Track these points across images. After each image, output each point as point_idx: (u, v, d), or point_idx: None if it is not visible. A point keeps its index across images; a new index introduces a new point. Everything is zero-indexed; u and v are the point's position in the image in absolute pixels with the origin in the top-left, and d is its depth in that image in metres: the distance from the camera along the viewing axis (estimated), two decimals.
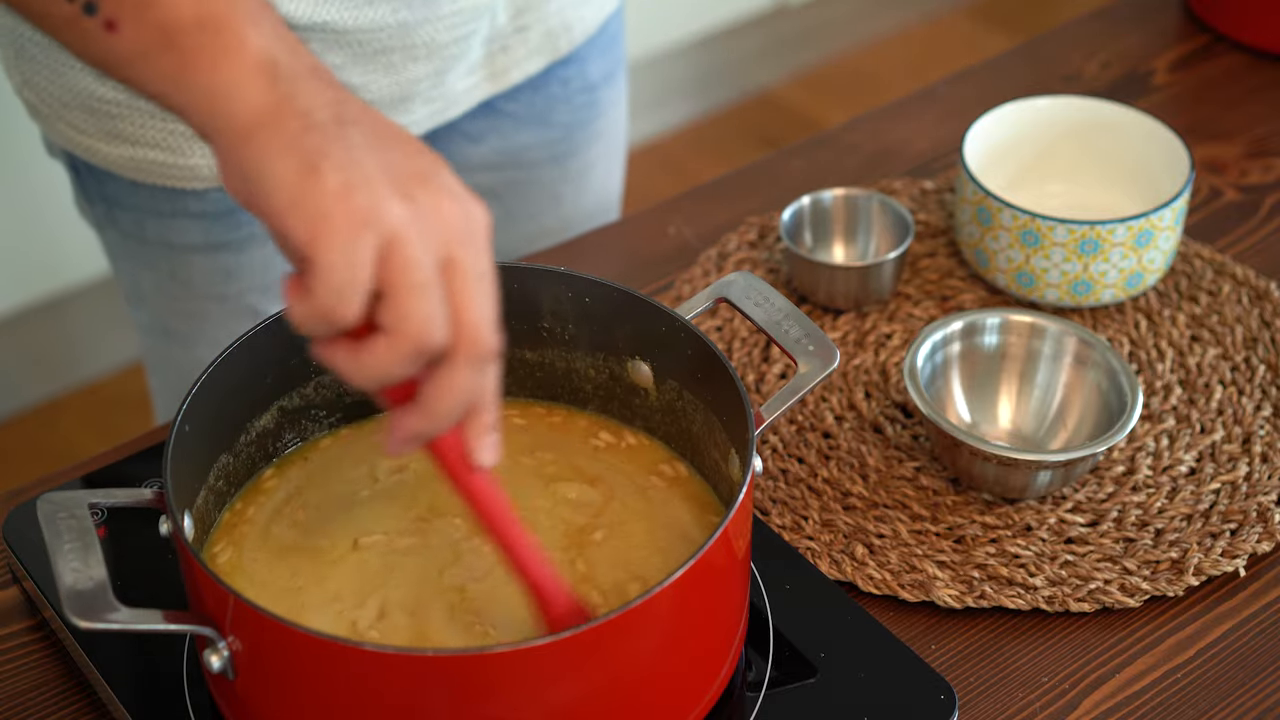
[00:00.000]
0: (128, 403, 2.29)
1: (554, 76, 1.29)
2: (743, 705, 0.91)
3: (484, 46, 1.21)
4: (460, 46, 1.18)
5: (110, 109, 1.14)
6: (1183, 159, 1.19)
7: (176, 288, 1.25)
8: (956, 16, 3.09)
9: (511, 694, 0.79)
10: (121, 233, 1.24)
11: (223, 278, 1.23)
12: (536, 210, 1.36)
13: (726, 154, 2.70)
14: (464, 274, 0.72)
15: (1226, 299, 1.19)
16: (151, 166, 1.17)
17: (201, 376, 0.88)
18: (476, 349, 0.73)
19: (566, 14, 1.25)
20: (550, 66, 1.28)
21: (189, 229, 1.21)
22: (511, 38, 1.22)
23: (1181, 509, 1.04)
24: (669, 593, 0.79)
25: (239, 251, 1.22)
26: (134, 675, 0.91)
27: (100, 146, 1.17)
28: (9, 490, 1.06)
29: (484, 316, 0.73)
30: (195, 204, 1.19)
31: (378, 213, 0.71)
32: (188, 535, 0.85)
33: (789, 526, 1.03)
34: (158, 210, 1.20)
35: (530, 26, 1.23)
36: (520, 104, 1.29)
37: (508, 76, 1.25)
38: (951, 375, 1.09)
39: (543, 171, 1.34)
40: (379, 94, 1.17)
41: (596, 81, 1.33)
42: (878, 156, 1.35)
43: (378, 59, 1.15)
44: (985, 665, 0.96)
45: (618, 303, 0.95)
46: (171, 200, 1.19)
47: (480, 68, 1.22)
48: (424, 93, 1.19)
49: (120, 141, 1.16)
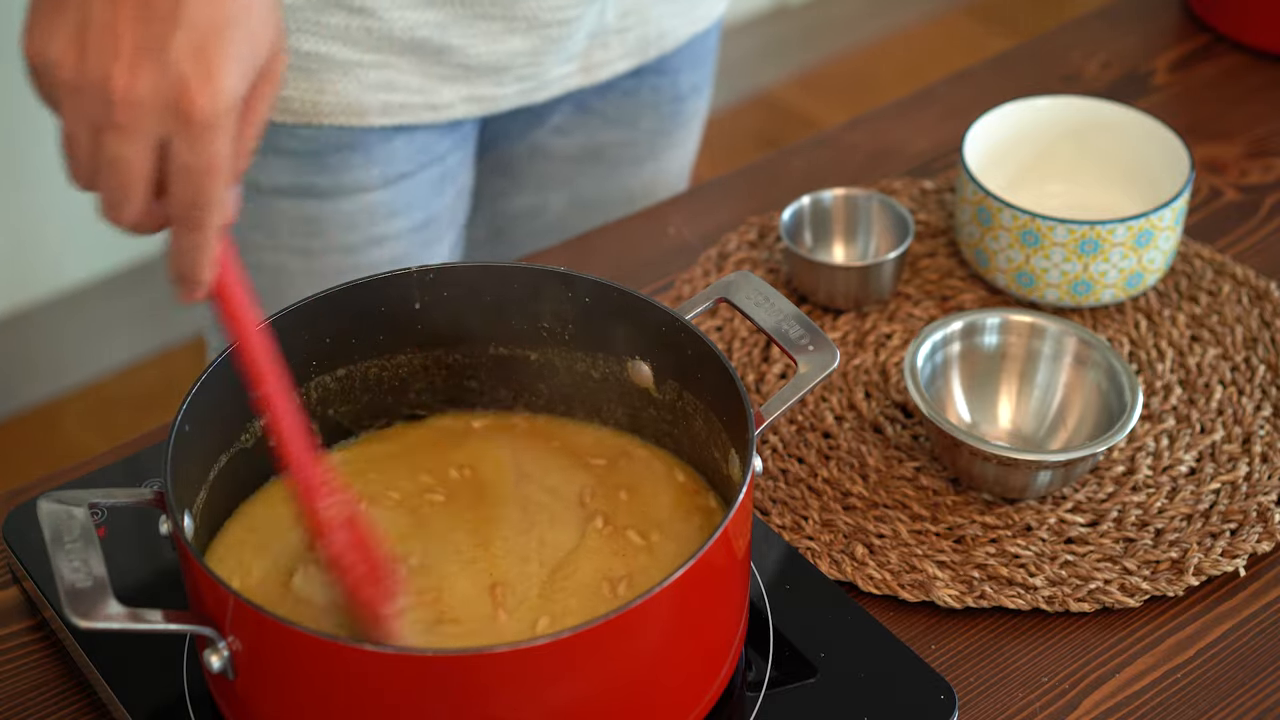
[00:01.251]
0: (128, 403, 2.29)
1: (646, 83, 1.32)
2: (743, 705, 0.91)
3: (587, 39, 1.23)
4: (562, 30, 1.19)
5: None
6: (1183, 159, 1.19)
7: (260, 237, 1.23)
8: (956, 16, 3.09)
9: (511, 694, 0.79)
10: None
11: (306, 229, 1.23)
12: (603, 201, 1.38)
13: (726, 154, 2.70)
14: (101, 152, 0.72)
15: (1226, 299, 1.19)
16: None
17: (201, 376, 0.88)
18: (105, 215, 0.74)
19: (665, 22, 1.27)
20: (643, 74, 1.31)
21: (277, 167, 1.20)
22: (613, 35, 1.24)
23: (1181, 509, 1.04)
24: (669, 593, 0.79)
25: (325, 199, 1.21)
26: (134, 675, 0.91)
27: None
28: (9, 490, 1.06)
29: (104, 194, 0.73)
30: (286, 140, 1.19)
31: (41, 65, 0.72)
32: (188, 535, 0.85)
33: (789, 526, 1.03)
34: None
35: (631, 28, 1.25)
36: (611, 105, 1.32)
37: (600, 72, 1.26)
38: (951, 375, 1.09)
39: (620, 170, 1.37)
40: (475, 59, 1.18)
41: (685, 93, 1.36)
42: (878, 156, 1.35)
43: (479, 24, 1.16)
44: (985, 665, 0.96)
45: (618, 303, 0.95)
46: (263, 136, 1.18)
47: (578, 58, 1.24)
48: (519, 69, 1.21)
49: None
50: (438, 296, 0.97)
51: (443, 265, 0.96)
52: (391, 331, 0.97)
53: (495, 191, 1.38)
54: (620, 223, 1.30)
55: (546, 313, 0.97)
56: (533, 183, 1.37)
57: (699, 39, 1.34)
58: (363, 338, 0.97)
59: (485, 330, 0.99)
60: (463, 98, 1.21)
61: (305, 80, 1.17)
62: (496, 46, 1.19)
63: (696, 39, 1.34)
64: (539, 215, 1.39)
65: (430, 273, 0.96)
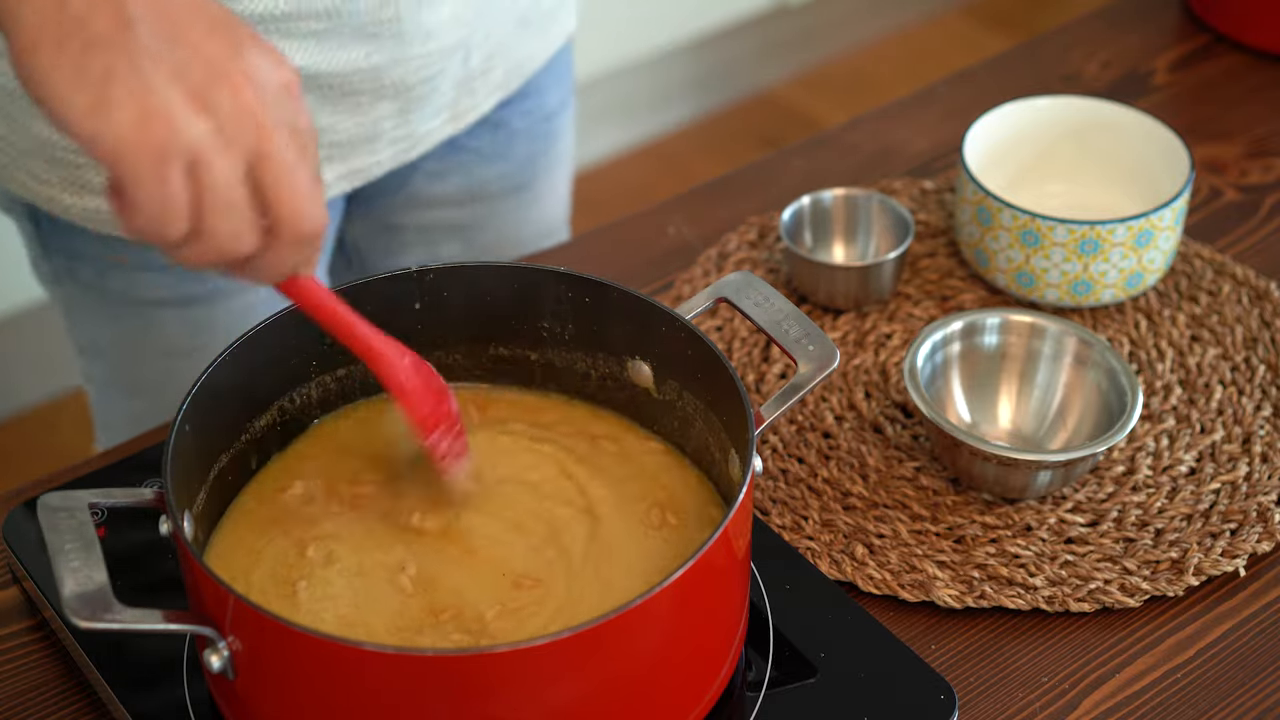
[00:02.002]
0: None
1: (515, 110, 1.29)
2: (743, 705, 0.91)
3: (454, 88, 1.19)
4: (427, 87, 1.16)
5: (73, 158, 1.09)
6: (1183, 159, 1.19)
7: (145, 344, 1.20)
8: (956, 16, 3.09)
9: (511, 694, 0.79)
10: (82, 286, 1.19)
11: (193, 333, 1.20)
12: (494, 239, 1.35)
13: (726, 154, 2.70)
14: (275, 166, 0.74)
15: (1226, 299, 1.19)
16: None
17: (201, 376, 0.88)
18: (296, 232, 0.76)
19: (522, 50, 1.24)
20: (509, 102, 1.28)
21: (157, 282, 1.17)
22: (478, 79, 1.21)
23: (1181, 509, 1.04)
24: (669, 593, 0.79)
25: (210, 305, 1.19)
26: (134, 675, 0.91)
27: (62, 197, 1.12)
28: (9, 490, 1.06)
29: (300, 202, 0.76)
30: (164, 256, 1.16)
31: (177, 139, 0.72)
32: (188, 535, 0.85)
33: (789, 526, 1.03)
34: (123, 265, 1.16)
35: (495, 67, 1.22)
36: (484, 140, 1.28)
37: (469, 116, 1.23)
38: (951, 375, 1.09)
39: (503, 202, 1.33)
40: (345, 135, 1.15)
41: (554, 110, 1.33)
42: (878, 156, 1.36)
43: (346, 100, 1.12)
44: (985, 665, 0.96)
45: (618, 303, 0.95)
46: (140, 252, 1.15)
47: (446, 109, 1.20)
48: (389, 132, 1.17)
49: (84, 192, 1.11)
50: (438, 296, 0.97)
51: (443, 265, 0.96)
52: (392, 331, 0.97)
53: (381, 253, 1.34)
54: (620, 223, 1.30)
55: (546, 313, 0.97)
56: (418, 237, 1.33)
57: (557, 55, 1.31)
58: None
59: (485, 330, 0.99)
60: (338, 176, 1.17)
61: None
62: (364, 117, 1.14)
63: (555, 56, 1.30)
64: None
65: (430, 273, 0.96)
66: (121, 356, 1.23)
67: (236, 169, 0.73)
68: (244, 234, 0.75)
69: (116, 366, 1.24)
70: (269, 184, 0.75)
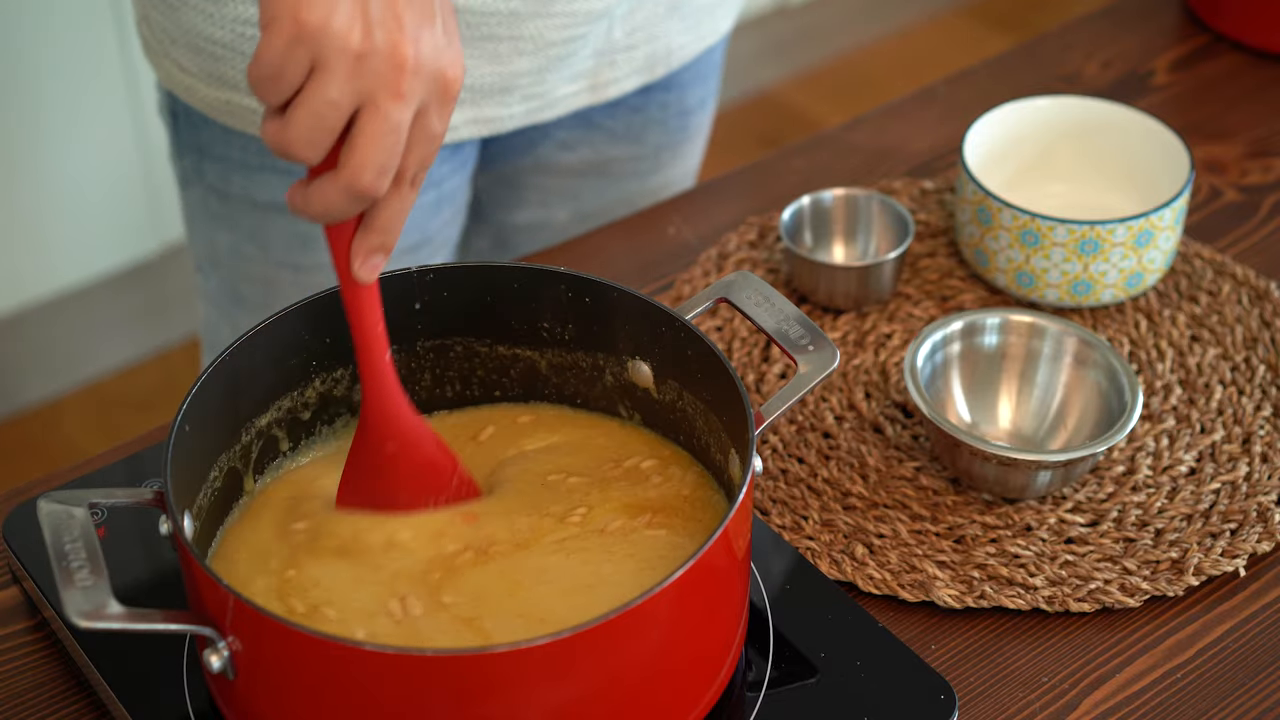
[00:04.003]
0: (128, 403, 2.29)
1: (653, 99, 1.31)
2: (743, 705, 0.91)
3: (594, 57, 1.22)
4: (568, 48, 1.19)
5: (216, 50, 1.15)
6: (1183, 159, 1.19)
7: (254, 250, 1.25)
8: (956, 16, 3.09)
9: (511, 694, 0.79)
10: (206, 186, 1.24)
11: (300, 244, 1.24)
12: (607, 213, 1.38)
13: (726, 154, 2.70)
14: (377, 120, 0.77)
15: (1226, 299, 1.19)
16: (245, 113, 1.18)
17: (201, 376, 0.88)
18: (351, 183, 0.78)
19: (672, 39, 1.27)
20: (651, 90, 1.30)
21: (274, 185, 1.21)
22: (620, 54, 1.23)
23: (1181, 509, 1.04)
24: (669, 593, 0.79)
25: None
26: (134, 675, 0.91)
27: (200, 87, 1.18)
28: (9, 490, 1.06)
29: (370, 160, 0.78)
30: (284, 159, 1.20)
31: (319, 32, 0.75)
32: (188, 535, 0.85)
33: (789, 526, 1.03)
34: (246, 163, 1.21)
35: (638, 46, 1.24)
36: (618, 121, 1.32)
37: (607, 91, 1.26)
38: (951, 375, 1.09)
39: (624, 183, 1.37)
40: (480, 80, 1.18)
41: (692, 107, 1.35)
42: (878, 156, 1.36)
43: (484, 45, 1.16)
44: (985, 665, 0.96)
45: (618, 303, 0.95)
46: (261, 153, 1.20)
47: (585, 77, 1.23)
48: (524, 88, 1.20)
49: (220, 84, 1.17)
50: (438, 296, 0.97)
51: (443, 265, 0.96)
52: (391, 331, 0.97)
53: (498, 204, 1.38)
54: (620, 223, 1.30)
55: (546, 313, 0.97)
56: (536, 197, 1.37)
57: (706, 54, 1.34)
58: None
59: (485, 330, 0.99)
60: (467, 120, 1.21)
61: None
62: (501, 68, 1.18)
63: (704, 53, 1.33)
64: (543, 228, 1.39)
65: (430, 273, 0.96)
66: (235, 265, 1.28)
67: (347, 96, 0.76)
68: (311, 144, 0.78)
69: (229, 278, 1.29)
70: (361, 129, 0.78)
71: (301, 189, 0.81)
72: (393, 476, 0.90)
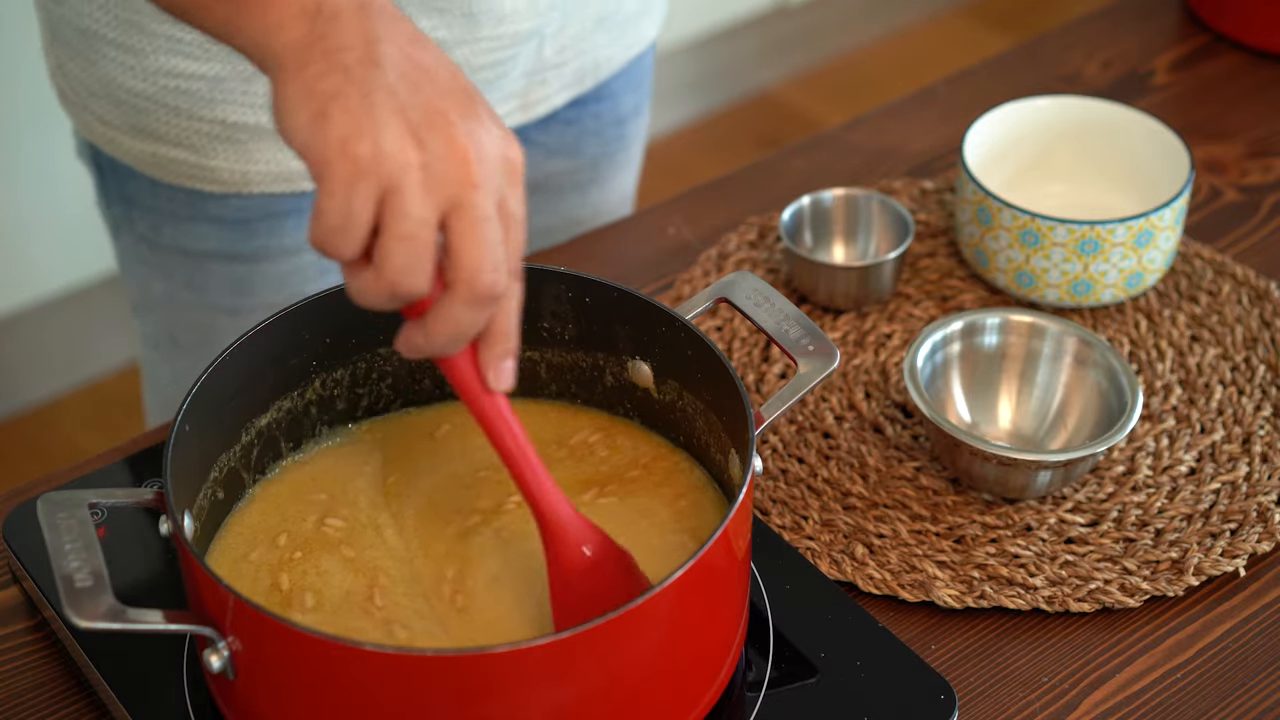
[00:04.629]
0: (128, 403, 2.29)
1: (587, 110, 1.30)
2: (743, 705, 0.91)
3: (525, 78, 1.21)
4: (495, 71, 1.17)
5: (138, 103, 1.13)
6: (1183, 159, 1.19)
7: (189, 296, 1.23)
8: (956, 16, 3.09)
9: (511, 694, 0.79)
10: (137, 236, 1.22)
11: (236, 289, 1.22)
12: (550, 231, 1.36)
13: (726, 154, 2.70)
14: (469, 218, 0.74)
15: (1226, 299, 1.19)
16: (172, 165, 1.16)
17: (202, 376, 0.88)
18: (473, 290, 0.75)
19: (600, 51, 1.26)
20: (584, 100, 1.29)
21: (206, 234, 1.19)
22: (551, 71, 1.22)
23: (1181, 509, 1.04)
24: (669, 593, 0.79)
25: (254, 263, 1.21)
26: (134, 675, 0.91)
27: (124, 140, 1.16)
28: (9, 490, 1.06)
29: (483, 259, 0.74)
30: (214, 208, 1.18)
31: (378, 161, 0.72)
32: (188, 535, 0.85)
33: (789, 526, 1.03)
34: (175, 213, 1.18)
35: (568, 62, 1.23)
36: (553, 136, 1.30)
37: (539, 108, 1.25)
38: (951, 375, 1.09)
39: (565, 197, 1.35)
40: None
41: (626, 115, 1.34)
42: (878, 156, 1.36)
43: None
44: (985, 665, 0.96)
45: (618, 303, 0.95)
46: (190, 203, 1.18)
47: (515, 97, 1.22)
48: None
49: (144, 136, 1.15)
50: None
51: None
52: (392, 331, 0.97)
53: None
54: (620, 223, 1.30)
55: (546, 313, 0.97)
56: None
57: (635, 61, 1.32)
58: (363, 337, 0.97)
59: None
60: None
61: (234, 150, 1.15)
62: None
63: (633, 61, 1.32)
64: None
65: None
66: (169, 311, 1.25)
67: (430, 209, 0.73)
68: (417, 271, 0.74)
69: (164, 322, 1.27)
70: (458, 233, 0.74)
71: (419, 329, 0.77)
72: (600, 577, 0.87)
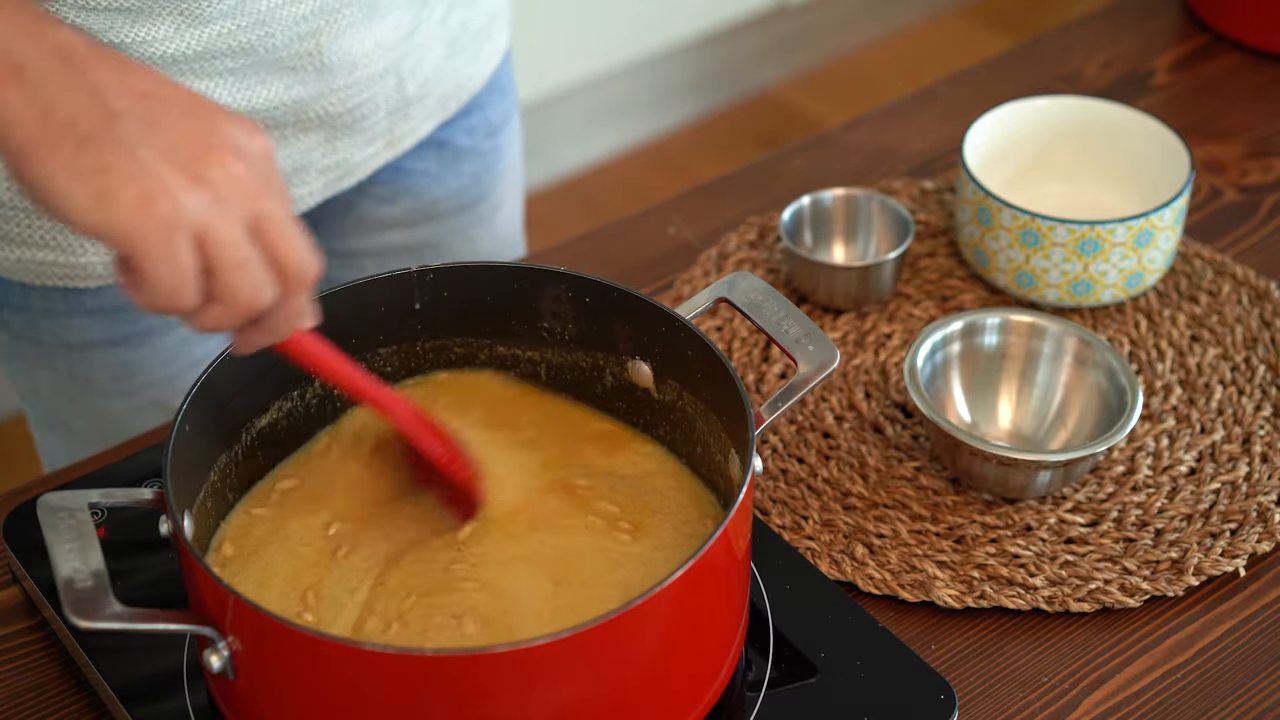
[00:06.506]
0: None
1: (458, 128, 1.27)
2: (743, 705, 0.91)
3: (388, 116, 1.18)
4: (355, 115, 1.15)
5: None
6: (1183, 159, 1.19)
7: (76, 387, 1.20)
8: (955, 16, 3.09)
9: (511, 694, 0.79)
10: (13, 334, 1.18)
11: (124, 374, 1.19)
12: (449, 258, 1.33)
13: (726, 154, 2.70)
14: (273, 224, 0.77)
15: (1226, 299, 1.19)
16: (42, 268, 1.12)
17: (202, 376, 0.88)
18: (303, 282, 0.79)
19: (460, 73, 1.23)
20: (453, 119, 1.26)
21: (86, 326, 1.16)
22: (414, 105, 1.19)
23: (1181, 509, 1.04)
24: (669, 593, 0.79)
25: (140, 345, 1.18)
26: (134, 675, 0.91)
27: None
28: (9, 490, 1.06)
29: (301, 249, 0.78)
30: (91, 301, 1.15)
31: (180, 212, 0.74)
32: (188, 535, 0.85)
33: (789, 526, 1.03)
34: (52, 310, 1.15)
35: (430, 94, 1.21)
36: (429, 161, 1.27)
37: (406, 141, 1.22)
38: (951, 375, 1.09)
39: (454, 220, 1.32)
40: None
41: (498, 125, 1.31)
42: (878, 156, 1.36)
43: (270, 134, 1.09)
44: (985, 665, 0.96)
45: (618, 303, 0.95)
46: (66, 299, 1.15)
47: (381, 136, 1.19)
48: (318, 162, 1.15)
49: (7, 243, 1.11)
50: (438, 296, 0.97)
51: (443, 265, 0.96)
52: (391, 331, 0.97)
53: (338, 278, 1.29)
54: (620, 223, 1.30)
55: (546, 313, 0.97)
56: (374, 262, 1.31)
57: (495, 72, 1.29)
58: (363, 337, 0.97)
59: (485, 330, 0.99)
60: None
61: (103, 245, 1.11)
62: (289, 149, 1.13)
63: (493, 73, 1.29)
64: None
65: (430, 273, 0.96)
66: (57, 400, 1.23)
67: (242, 231, 0.76)
68: (264, 286, 0.77)
69: (53, 409, 1.24)
70: (273, 238, 0.77)
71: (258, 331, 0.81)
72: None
